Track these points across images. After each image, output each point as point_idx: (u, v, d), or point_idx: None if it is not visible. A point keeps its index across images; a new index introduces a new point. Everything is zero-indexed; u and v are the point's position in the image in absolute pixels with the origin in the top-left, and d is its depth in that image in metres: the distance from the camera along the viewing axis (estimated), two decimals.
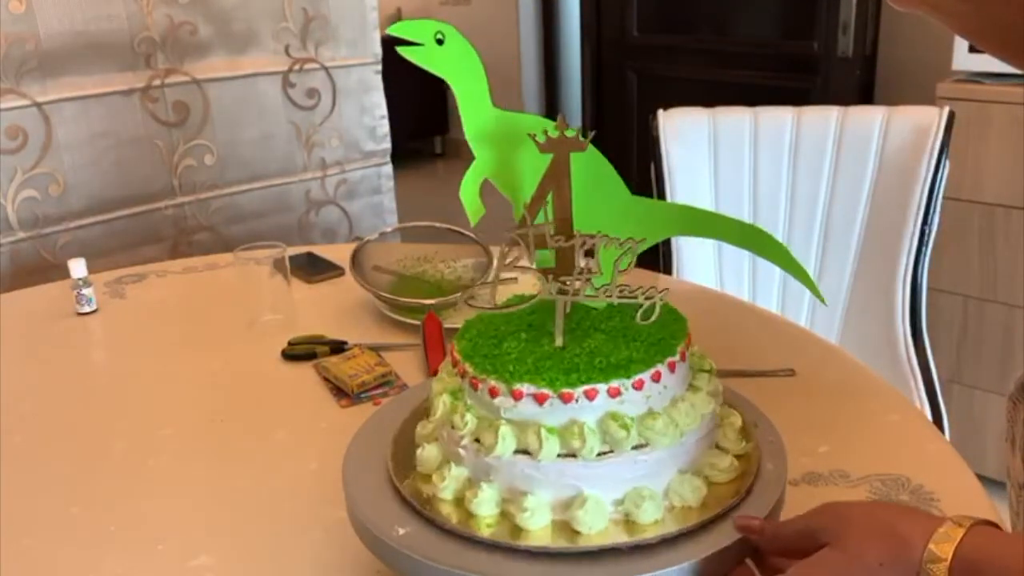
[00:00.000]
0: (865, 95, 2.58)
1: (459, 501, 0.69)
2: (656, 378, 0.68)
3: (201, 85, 2.02)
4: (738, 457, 0.72)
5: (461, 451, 0.69)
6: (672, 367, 0.69)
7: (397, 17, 4.52)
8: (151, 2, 1.92)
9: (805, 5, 2.64)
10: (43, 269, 1.85)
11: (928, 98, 1.89)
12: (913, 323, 1.64)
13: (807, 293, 1.75)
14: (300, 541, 0.85)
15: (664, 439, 0.67)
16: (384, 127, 2.31)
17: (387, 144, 2.33)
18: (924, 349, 1.64)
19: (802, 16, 2.68)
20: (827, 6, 2.55)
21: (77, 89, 1.86)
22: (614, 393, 0.66)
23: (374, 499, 0.71)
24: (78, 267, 1.40)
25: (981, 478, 0.88)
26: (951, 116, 1.59)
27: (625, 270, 0.70)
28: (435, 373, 0.78)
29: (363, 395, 1.12)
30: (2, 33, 1.74)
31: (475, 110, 0.81)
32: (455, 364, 0.72)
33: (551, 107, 4.52)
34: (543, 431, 0.65)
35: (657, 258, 1.72)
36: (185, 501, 0.94)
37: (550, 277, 0.71)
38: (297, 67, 2.14)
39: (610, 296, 0.71)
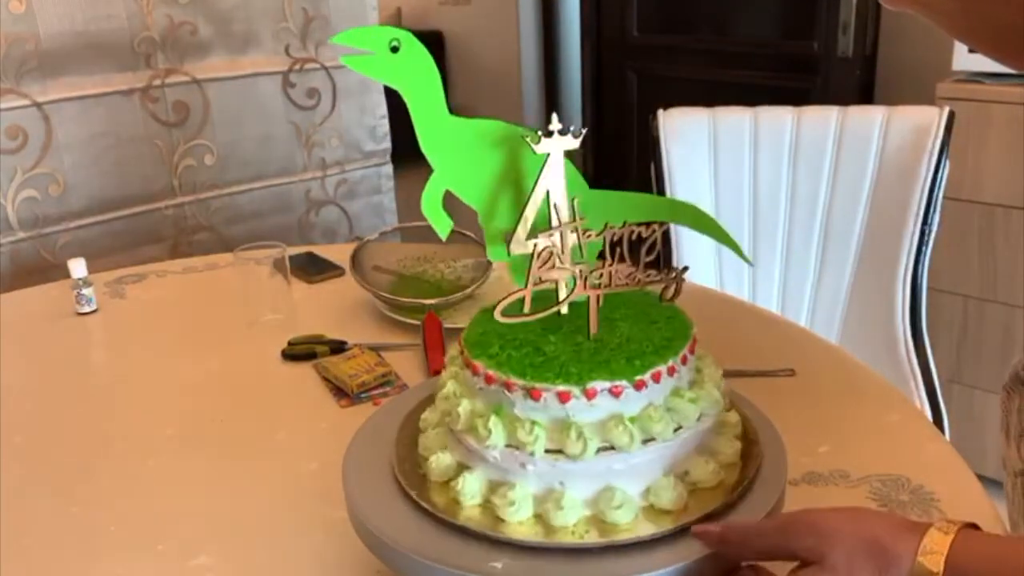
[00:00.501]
0: (865, 95, 2.58)
1: (538, 517, 0.67)
2: (691, 351, 0.71)
3: (201, 85, 2.02)
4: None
5: (530, 467, 0.66)
6: (696, 341, 0.72)
7: (397, 17, 4.51)
8: (151, 2, 1.92)
9: (805, 5, 2.64)
10: (43, 269, 1.85)
11: (928, 98, 1.89)
12: (913, 323, 1.64)
13: (807, 293, 1.77)
14: (300, 541, 0.85)
15: (716, 404, 0.70)
16: (384, 127, 2.31)
17: (387, 144, 2.33)
18: (924, 349, 1.64)
19: (802, 16, 2.68)
20: (827, 6, 2.55)
21: (77, 89, 1.86)
22: (672, 372, 0.68)
23: (375, 500, 0.71)
24: (78, 267, 1.40)
25: (981, 478, 0.88)
26: (951, 116, 1.59)
27: (652, 256, 0.71)
28: (435, 373, 0.78)
29: (363, 395, 1.11)
30: (2, 33, 1.74)
31: (431, 120, 0.77)
32: (491, 381, 0.68)
33: (551, 107, 4.51)
34: (627, 422, 0.65)
35: (657, 257, 1.72)
36: (185, 501, 0.94)
37: (581, 272, 0.71)
38: (297, 67, 2.14)
39: (638, 282, 0.72)
